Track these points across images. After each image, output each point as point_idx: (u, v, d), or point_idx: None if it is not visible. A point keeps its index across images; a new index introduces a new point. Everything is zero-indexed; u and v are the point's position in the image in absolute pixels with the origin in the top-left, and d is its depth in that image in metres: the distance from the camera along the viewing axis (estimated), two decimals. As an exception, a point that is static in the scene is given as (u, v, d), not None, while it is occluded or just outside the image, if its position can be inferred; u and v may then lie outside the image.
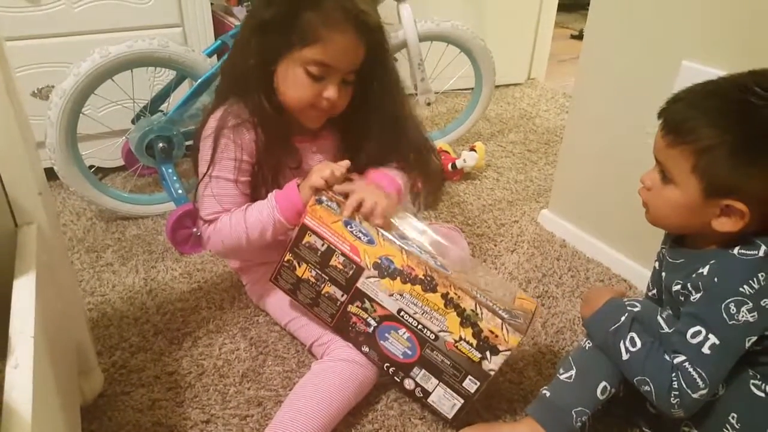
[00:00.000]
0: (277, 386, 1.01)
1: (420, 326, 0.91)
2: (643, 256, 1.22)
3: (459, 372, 0.90)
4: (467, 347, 0.88)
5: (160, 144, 1.37)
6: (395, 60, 1.57)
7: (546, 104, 2.28)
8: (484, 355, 0.87)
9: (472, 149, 1.70)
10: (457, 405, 0.92)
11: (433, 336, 0.90)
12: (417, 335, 0.91)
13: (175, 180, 1.39)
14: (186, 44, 1.52)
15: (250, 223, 0.98)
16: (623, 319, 0.83)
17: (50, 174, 1.08)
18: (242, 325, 1.14)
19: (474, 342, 0.88)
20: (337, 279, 0.94)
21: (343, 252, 0.92)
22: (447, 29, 1.61)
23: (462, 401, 0.91)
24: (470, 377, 0.89)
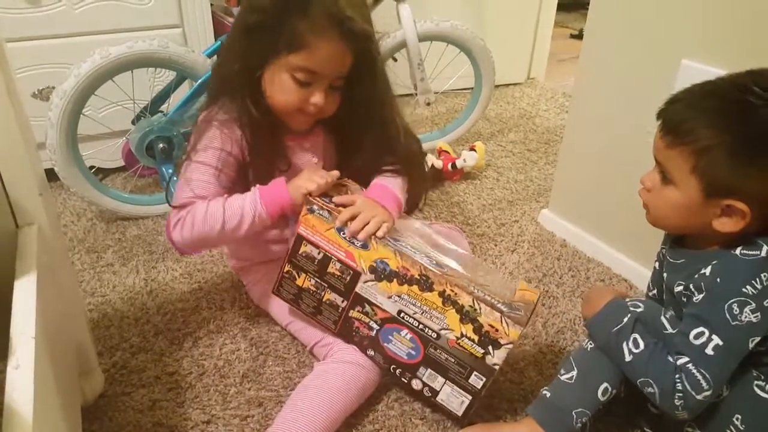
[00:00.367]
0: (278, 387, 1.01)
1: (421, 326, 0.91)
2: (644, 256, 1.22)
3: (464, 369, 0.90)
4: (469, 343, 0.88)
5: (161, 144, 1.38)
6: (395, 60, 1.59)
7: (546, 104, 2.28)
8: (487, 350, 0.87)
9: (472, 149, 1.70)
10: (466, 402, 0.92)
11: (435, 335, 0.90)
12: (419, 335, 0.92)
13: (176, 180, 1.39)
14: (186, 45, 1.52)
15: (231, 212, 0.94)
16: (626, 320, 0.82)
17: (51, 175, 1.08)
18: (243, 326, 1.14)
19: (475, 338, 0.88)
20: (336, 286, 0.95)
21: (339, 258, 0.93)
22: (446, 29, 1.61)
23: (470, 398, 0.91)
24: (476, 373, 0.90)
